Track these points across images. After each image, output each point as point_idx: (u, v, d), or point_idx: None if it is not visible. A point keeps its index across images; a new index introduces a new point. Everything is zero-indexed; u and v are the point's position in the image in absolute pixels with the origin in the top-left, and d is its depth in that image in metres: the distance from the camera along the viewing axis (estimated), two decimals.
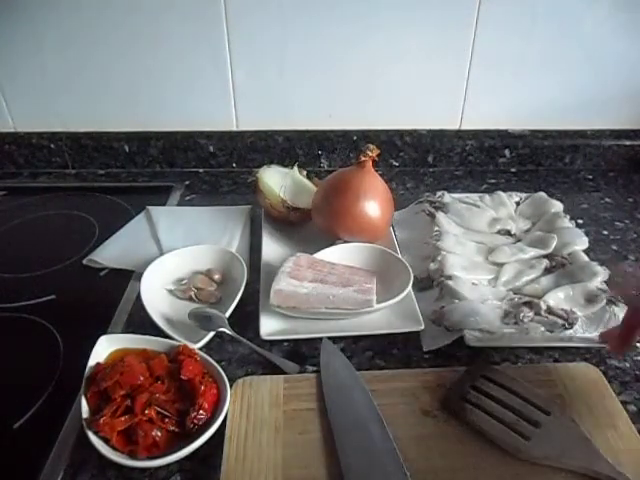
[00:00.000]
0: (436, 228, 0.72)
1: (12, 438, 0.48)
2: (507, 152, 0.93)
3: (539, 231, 0.71)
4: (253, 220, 0.79)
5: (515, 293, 0.61)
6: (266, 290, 0.59)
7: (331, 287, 0.59)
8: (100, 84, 0.87)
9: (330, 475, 0.42)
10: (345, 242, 0.67)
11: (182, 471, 0.44)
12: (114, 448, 0.44)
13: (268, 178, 0.75)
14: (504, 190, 0.80)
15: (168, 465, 0.44)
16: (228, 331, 0.56)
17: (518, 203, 0.79)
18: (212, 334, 0.56)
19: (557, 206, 0.76)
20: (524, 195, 0.80)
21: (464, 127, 0.92)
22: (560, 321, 0.57)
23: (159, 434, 0.44)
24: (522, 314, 0.57)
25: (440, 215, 0.74)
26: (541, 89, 0.88)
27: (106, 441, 0.44)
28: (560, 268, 0.64)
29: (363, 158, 0.65)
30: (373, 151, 0.65)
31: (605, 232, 0.77)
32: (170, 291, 0.63)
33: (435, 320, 0.58)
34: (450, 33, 0.82)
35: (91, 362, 0.50)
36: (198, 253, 0.67)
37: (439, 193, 0.80)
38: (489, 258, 0.67)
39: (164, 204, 0.84)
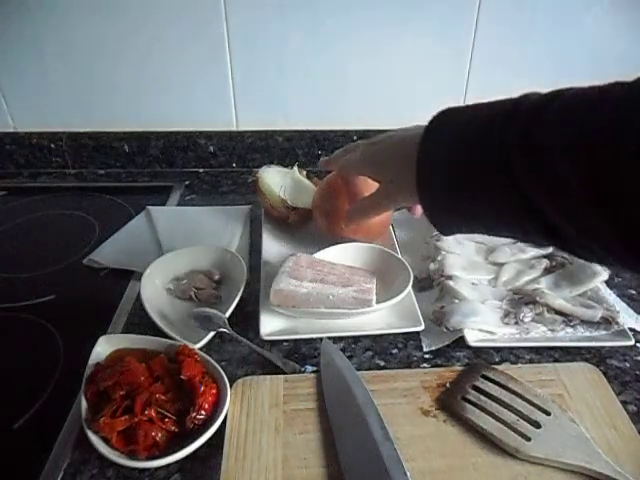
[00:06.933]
0: None
1: (12, 438, 0.48)
2: None
3: None
4: (253, 220, 0.78)
5: (515, 293, 0.61)
6: (266, 290, 0.59)
7: (331, 287, 0.59)
8: (100, 84, 0.87)
9: (330, 475, 0.42)
10: (345, 242, 0.67)
11: (182, 471, 0.44)
12: (114, 448, 0.44)
13: (268, 178, 0.75)
14: None
15: (168, 465, 0.44)
16: (228, 331, 0.56)
17: None
18: (212, 334, 0.56)
19: None
20: None
21: None
22: (560, 318, 0.57)
23: (159, 434, 0.44)
24: (522, 314, 0.57)
25: None
26: (541, 89, 0.88)
27: (106, 441, 0.44)
28: (560, 268, 0.64)
29: None
30: None
31: None
32: (170, 291, 0.63)
33: (435, 320, 0.58)
34: (450, 32, 0.82)
35: (91, 362, 0.50)
36: (198, 253, 0.66)
37: None
38: (489, 258, 0.67)
39: (164, 204, 0.84)
